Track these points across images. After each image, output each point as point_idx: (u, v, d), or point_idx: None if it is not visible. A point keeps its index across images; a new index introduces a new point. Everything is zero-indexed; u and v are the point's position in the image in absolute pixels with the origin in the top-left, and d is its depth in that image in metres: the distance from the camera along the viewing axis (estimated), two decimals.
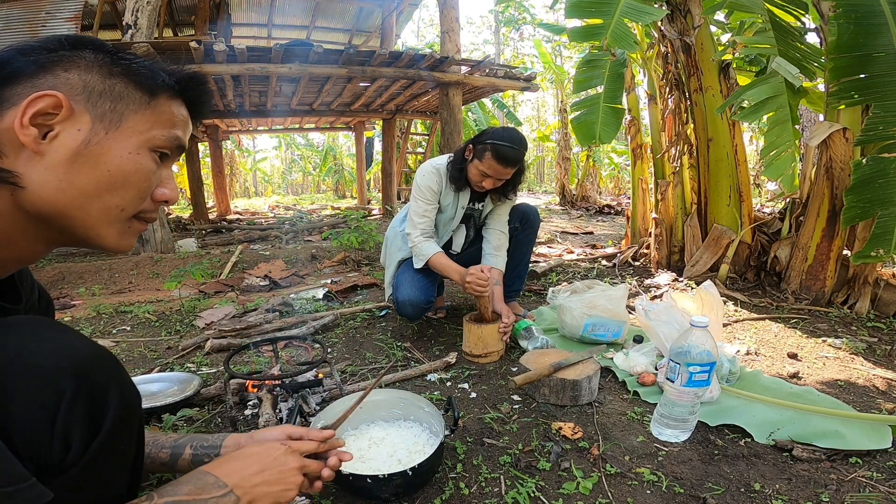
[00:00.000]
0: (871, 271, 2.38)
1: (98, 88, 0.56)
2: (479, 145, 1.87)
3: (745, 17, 2.97)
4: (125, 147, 0.58)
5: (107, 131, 0.56)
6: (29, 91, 0.52)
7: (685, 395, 1.27)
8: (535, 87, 5.91)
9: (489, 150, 1.81)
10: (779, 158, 2.47)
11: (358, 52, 4.56)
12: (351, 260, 4.04)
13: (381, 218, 7.00)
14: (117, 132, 0.57)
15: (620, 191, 13.59)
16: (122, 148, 0.57)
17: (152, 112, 0.60)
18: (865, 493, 1.09)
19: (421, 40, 20.09)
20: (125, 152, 0.58)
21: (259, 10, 7.93)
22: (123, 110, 0.57)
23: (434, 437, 1.24)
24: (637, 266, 3.41)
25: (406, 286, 1.99)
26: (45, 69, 0.54)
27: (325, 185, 19.49)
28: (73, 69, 0.55)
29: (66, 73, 0.55)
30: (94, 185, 0.56)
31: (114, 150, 0.57)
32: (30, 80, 0.53)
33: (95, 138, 0.56)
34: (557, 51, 13.55)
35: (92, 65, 0.56)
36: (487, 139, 1.84)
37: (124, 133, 0.58)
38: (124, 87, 0.58)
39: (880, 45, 2.04)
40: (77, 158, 0.55)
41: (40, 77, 0.54)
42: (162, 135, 0.61)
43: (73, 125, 0.54)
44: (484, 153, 1.83)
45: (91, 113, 0.55)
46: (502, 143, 1.81)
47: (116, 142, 0.57)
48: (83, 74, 0.56)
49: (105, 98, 0.56)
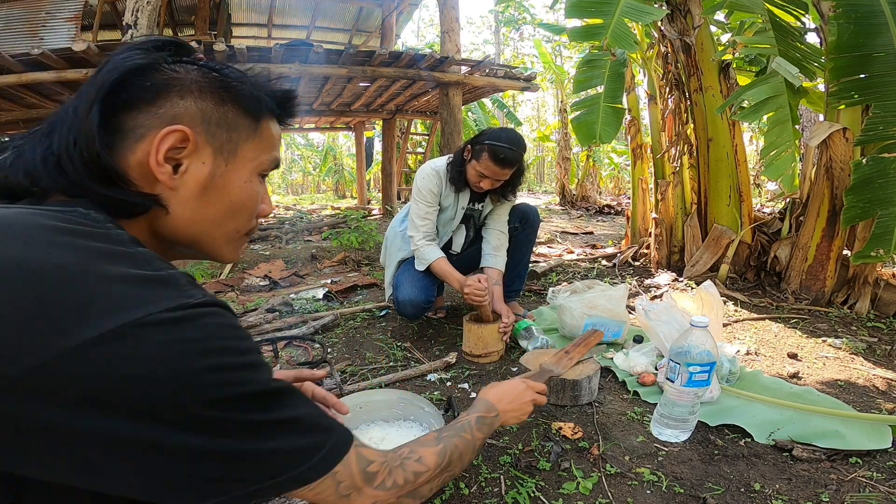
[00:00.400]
0: (871, 271, 2.38)
1: (214, 118, 0.57)
2: (476, 146, 1.87)
3: (745, 17, 2.97)
4: (241, 177, 0.60)
5: (226, 163, 0.58)
6: (152, 121, 0.53)
7: (685, 395, 1.27)
8: (535, 87, 5.90)
9: (486, 151, 1.81)
10: (779, 158, 2.47)
11: (358, 52, 4.56)
12: (351, 260, 4.04)
13: (381, 218, 7.00)
14: (234, 163, 0.59)
15: (620, 191, 13.58)
16: (239, 178, 0.60)
17: (259, 138, 0.61)
18: (865, 493, 1.09)
19: (421, 40, 20.11)
20: (242, 181, 0.60)
21: (259, 10, 7.93)
22: (237, 140, 0.59)
23: None
24: (637, 266, 3.41)
25: (406, 286, 1.99)
26: (161, 95, 0.53)
27: (325, 185, 19.50)
28: (188, 95, 0.55)
29: (183, 101, 0.54)
30: (220, 214, 0.59)
31: (233, 181, 0.59)
32: (148, 107, 0.53)
33: (218, 171, 0.58)
34: (557, 51, 13.55)
35: (204, 89, 0.56)
36: (485, 140, 1.84)
37: (240, 163, 0.60)
38: (235, 115, 0.58)
39: (880, 45, 2.04)
40: (204, 192, 0.57)
41: (159, 105, 0.53)
42: (267, 159, 0.63)
43: (199, 158, 0.56)
44: (481, 154, 1.83)
45: (212, 145, 0.57)
46: (499, 143, 1.80)
47: (234, 172, 0.59)
48: (198, 102, 0.55)
49: (221, 128, 0.57)
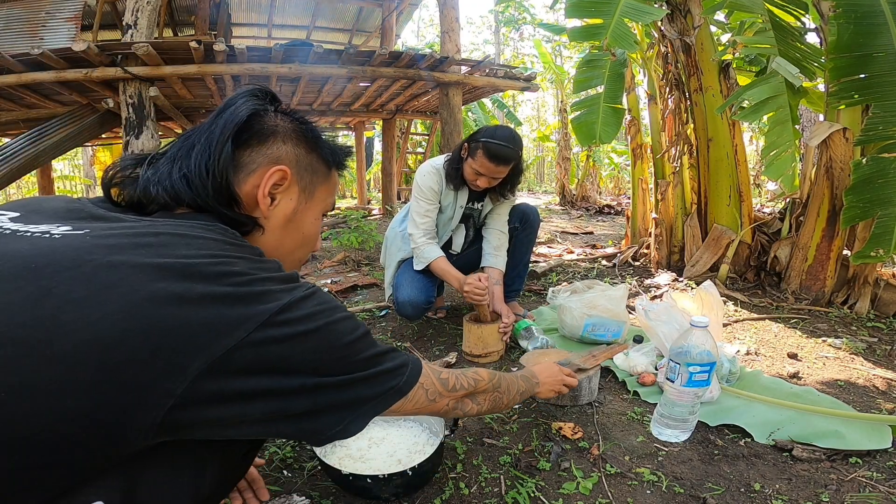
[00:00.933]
0: (871, 271, 2.38)
1: (304, 163, 0.68)
2: (472, 143, 1.87)
3: (745, 17, 2.97)
4: (313, 214, 0.72)
5: (306, 201, 0.70)
6: (261, 160, 0.65)
7: (685, 395, 1.27)
8: (535, 87, 5.90)
9: (481, 149, 1.81)
10: (779, 158, 2.47)
11: (358, 52, 4.56)
12: (351, 260, 4.03)
13: (381, 218, 7.00)
14: (311, 202, 0.70)
15: (620, 191, 13.58)
16: (311, 215, 0.71)
17: (329, 184, 0.73)
18: (865, 493, 1.09)
19: (421, 40, 20.10)
20: (313, 218, 0.72)
21: (259, 10, 7.92)
22: (316, 183, 0.71)
23: (434, 437, 1.24)
24: (637, 266, 3.41)
25: (406, 286, 1.99)
26: (270, 138, 0.66)
27: None
28: (289, 141, 0.67)
29: (285, 146, 0.67)
30: (294, 244, 0.71)
31: (308, 218, 0.71)
32: (260, 147, 0.65)
33: (300, 207, 0.69)
34: (557, 51, 13.55)
35: (300, 138, 0.68)
36: (480, 137, 1.84)
37: (315, 203, 0.71)
38: (318, 162, 0.71)
39: (880, 45, 2.04)
40: (288, 224, 0.68)
41: (268, 146, 0.66)
42: (331, 202, 0.75)
43: (289, 195, 0.67)
44: (476, 151, 1.83)
45: (299, 185, 0.68)
46: (494, 140, 1.80)
47: (310, 210, 0.71)
48: (295, 148, 0.68)
49: (308, 172, 0.69)
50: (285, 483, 1.16)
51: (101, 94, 4.30)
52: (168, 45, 3.94)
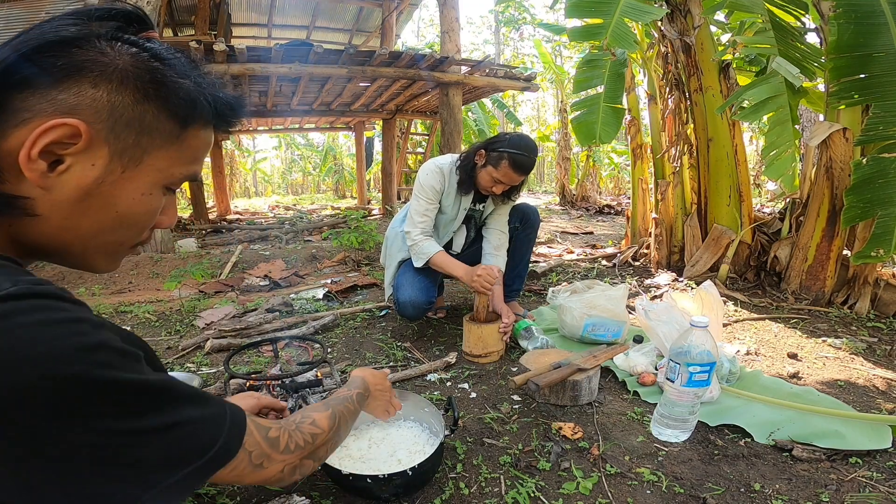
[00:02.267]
0: (871, 271, 2.38)
1: (126, 116, 0.47)
2: (493, 152, 1.85)
3: (745, 17, 2.97)
4: (138, 187, 0.50)
5: (123, 169, 0.49)
6: (44, 106, 0.44)
7: (685, 395, 1.27)
8: (535, 87, 5.91)
9: (506, 160, 1.80)
10: (779, 158, 2.47)
11: (358, 52, 4.56)
12: (351, 260, 4.04)
13: (381, 218, 7.00)
14: (135, 171, 0.50)
15: (620, 191, 13.58)
16: (135, 189, 0.50)
17: (178, 147, 0.52)
18: (865, 493, 1.09)
19: (421, 40, 20.09)
20: (138, 193, 0.51)
21: (259, 10, 7.92)
22: (147, 145, 0.49)
23: (434, 437, 1.24)
24: (637, 266, 3.41)
25: (407, 287, 1.98)
26: (70, 78, 0.45)
27: (325, 185, 19.50)
28: (104, 84, 0.46)
29: (95, 90, 0.46)
30: (99, 226, 0.50)
31: (126, 191, 0.50)
32: (48, 90, 0.44)
33: (110, 177, 0.48)
34: (557, 51, 13.55)
35: (127, 80, 0.47)
36: (502, 147, 1.82)
37: (142, 171, 0.50)
38: (156, 115, 0.49)
39: (880, 45, 2.04)
40: (85, 198, 0.47)
41: (62, 89, 0.44)
42: (181, 172, 0.54)
43: (88, 159, 0.46)
44: (500, 161, 1.82)
45: (111, 146, 0.47)
46: (519, 152, 1.79)
47: (131, 182, 0.50)
48: (114, 94, 0.46)
49: (131, 129, 0.48)
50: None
51: None
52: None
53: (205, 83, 0.53)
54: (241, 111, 0.58)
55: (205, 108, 0.52)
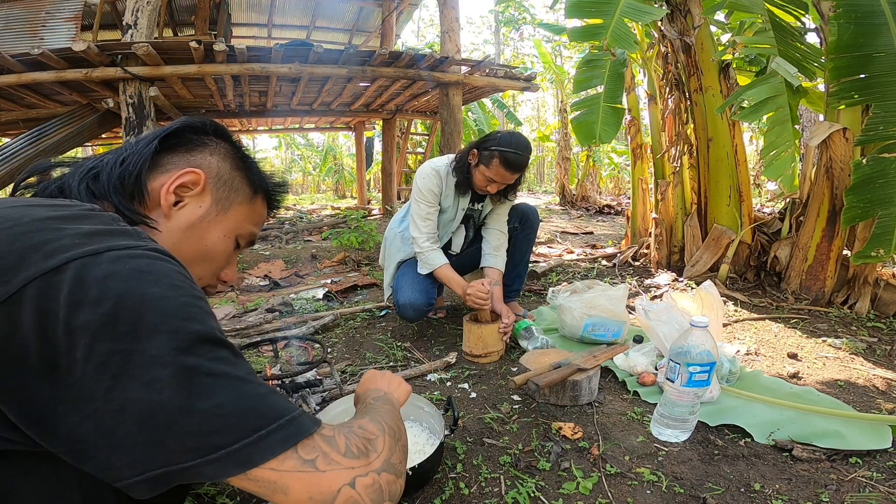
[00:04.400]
0: (871, 271, 2.38)
1: (225, 177, 0.70)
2: (484, 151, 1.85)
3: (745, 17, 2.97)
4: (222, 230, 0.70)
5: (217, 213, 0.69)
6: (180, 162, 0.66)
7: (685, 395, 1.27)
8: (535, 87, 5.90)
9: (497, 157, 1.80)
10: (779, 158, 2.47)
11: (358, 52, 4.56)
12: (351, 260, 4.04)
13: (381, 218, 7.00)
14: (223, 217, 0.69)
15: (620, 191, 13.58)
16: (220, 230, 0.69)
17: (249, 208, 0.73)
18: (865, 493, 1.09)
19: (421, 40, 20.10)
20: (222, 234, 0.70)
21: (259, 10, 7.93)
22: (234, 199, 0.71)
23: (434, 436, 1.24)
24: (637, 266, 3.41)
25: (407, 289, 1.98)
26: (197, 148, 0.68)
27: (325, 185, 19.49)
28: (216, 154, 0.70)
29: (210, 157, 0.69)
30: (193, 253, 0.67)
31: (216, 230, 0.69)
32: (184, 154, 0.67)
33: (209, 216, 0.68)
34: (557, 51, 13.55)
35: (227, 156, 0.71)
36: (494, 146, 1.82)
37: (228, 218, 0.70)
38: (241, 181, 0.72)
39: (880, 45, 2.04)
40: (191, 229, 0.66)
41: (192, 155, 0.68)
42: (249, 229, 0.74)
43: (198, 201, 0.67)
44: (491, 160, 1.82)
45: (213, 195, 0.68)
46: (510, 150, 1.79)
47: (219, 224, 0.69)
48: (221, 162, 0.70)
49: (226, 186, 0.70)
50: None
51: (101, 94, 4.30)
52: (168, 45, 3.93)
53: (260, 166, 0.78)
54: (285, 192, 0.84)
55: (267, 183, 0.77)
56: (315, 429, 0.52)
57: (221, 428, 0.45)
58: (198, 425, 0.44)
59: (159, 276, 0.48)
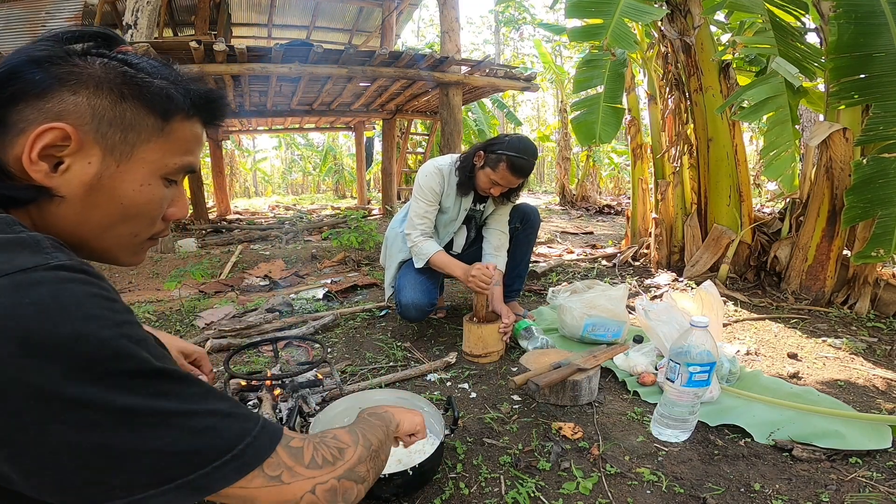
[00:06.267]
0: (871, 271, 2.38)
1: (108, 116, 0.53)
2: (491, 154, 1.84)
3: (745, 17, 2.97)
4: (136, 179, 0.56)
5: (118, 164, 0.54)
6: (35, 116, 0.50)
7: (685, 395, 1.27)
8: (535, 87, 5.90)
9: (504, 162, 1.79)
10: (779, 158, 2.47)
11: (358, 52, 4.56)
12: (351, 260, 4.04)
13: (381, 218, 7.00)
14: (128, 164, 0.55)
15: (620, 191, 13.58)
16: (132, 180, 0.55)
17: (165, 140, 0.57)
18: (865, 493, 1.09)
19: (421, 40, 20.09)
20: (136, 184, 0.56)
21: (259, 10, 7.92)
22: (134, 140, 0.55)
23: (434, 437, 1.24)
24: (637, 266, 3.41)
25: (409, 289, 1.98)
26: (52, 89, 0.50)
27: (325, 185, 19.49)
28: (82, 90, 0.51)
29: (74, 97, 0.51)
30: (108, 218, 0.56)
31: (126, 184, 0.55)
32: (35, 101, 0.50)
33: (107, 172, 0.53)
34: (557, 51, 13.55)
35: (101, 85, 0.52)
36: (501, 150, 1.81)
37: (135, 164, 0.55)
38: (135, 113, 0.54)
39: (880, 46, 2.04)
40: (90, 193, 0.53)
41: (46, 99, 0.50)
42: (174, 163, 0.59)
43: (84, 158, 0.52)
44: (498, 163, 1.81)
45: (101, 144, 0.53)
46: (518, 155, 1.79)
47: (127, 174, 0.55)
48: (92, 98, 0.52)
49: (115, 127, 0.53)
50: None
51: None
52: (168, 45, 3.94)
53: (178, 79, 0.58)
54: (219, 101, 0.62)
55: (180, 100, 0.57)
56: (277, 444, 0.51)
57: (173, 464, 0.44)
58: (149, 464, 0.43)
59: (69, 308, 0.40)
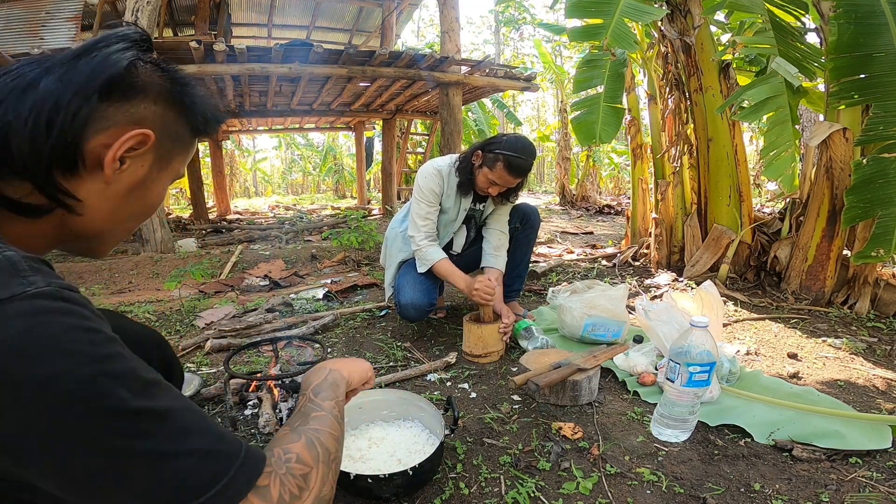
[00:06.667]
0: (871, 271, 2.38)
1: (170, 130, 0.58)
2: (489, 153, 1.84)
3: (745, 17, 2.97)
4: (164, 184, 0.61)
5: (160, 170, 0.59)
6: (120, 118, 0.53)
7: (685, 395, 1.27)
8: (535, 87, 5.91)
9: (501, 161, 1.79)
10: (779, 158, 2.47)
11: (358, 52, 4.56)
12: (351, 260, 4.04)
13: (381, 218, 7.00)
14: (165, 171, 0.60)
15: (620, 191, 13.58)
16: (162, 185, 0.61)
17: (187, 152, 0.63)
18: (865, 493, 1.09)
19: (421, 40, 20.09)
20: (162, 188, 0.61)
21: (259, 10, 7.93)
22: (175, 153, 0.61)
23: (434, 436, 1.25)
24: (637, 266, 3.41)
25: (408, 289, 1.98)
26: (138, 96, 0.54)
27: (325, 185, 19.50)
28: (161, 102, 0.56)
29: (155, 107, 0.56)
30: (134, 212, 0.60)
31: (157, 187, 0.60)
32: (122, 104, 0.53)
33: (151, 175, 0.58)
34: (557, 51, 13.56)
35: (168, 97, 0.57)
36: (499, 149, 1.81)
37: (168, 172, 0.61)
38: (183, 128, 0.60)
39: (880, 46, 2.04)
40: (132, 191, 0.57)
41: (133, 104, 0.54)
42: (183, 170, 0.65)
43: (140, 161, 0.56)
44: (495, 163, 1.81)
45: (156, 153, 0.57)
46: (514, 154, 1.79)
47: (162, 179, 0.60)
48: (166, 111, 0.57)
49: (169, 139, 0.58)
50: None
51: None
52: (168, 45, 3.94)
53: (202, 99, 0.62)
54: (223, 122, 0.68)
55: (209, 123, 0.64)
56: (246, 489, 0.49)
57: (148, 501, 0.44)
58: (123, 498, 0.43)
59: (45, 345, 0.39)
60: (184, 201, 9.76)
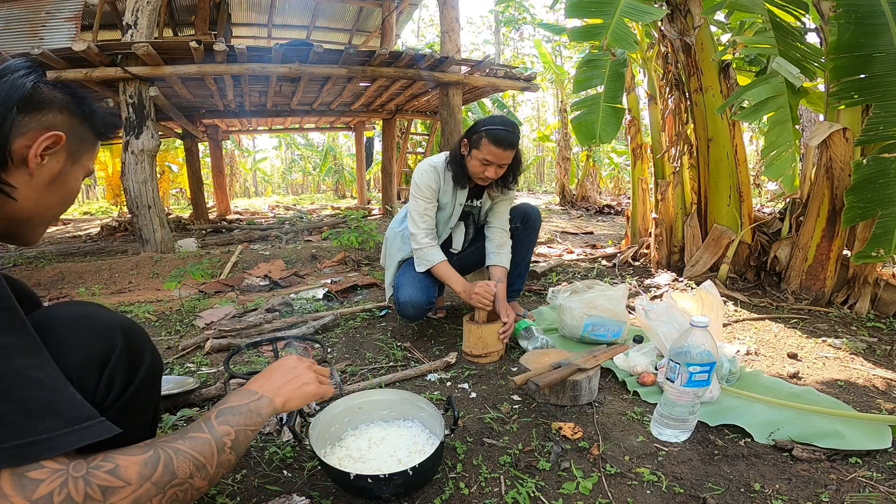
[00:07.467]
0: (871, 271, 2.38)
1: (77, 132, 0.74)
2: (473, 136, 1.88)
3: (745, 17, 2.97)
4: (78, 176, 0.78)
5: (72, 164, 0.75)
6: (35, 125, 0.69)
7: (685, 395, 1.27)
8: (535, 87, 5.91)
9: (485, 137, 1.83)
10: (779, 158, 2.47)
11: (358, 52, 4.56)
12: (351, 260, 4.04)
13: (381, 218, 7.00)
14: (77, 165, 0.77)
15: (620, 191, 13.59)
16: (76, 177, 0.77)
17: (93, 150, 0.80)
18: (865, 493, 1.09)
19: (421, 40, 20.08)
20: (77, 180, 0.78)
21: (259, 10, 7.93)
22: (83, 150, 0.77)
23: (434, 436, 1.24)
24: (637, 266, 3.41)
25: (407, 287, 1.99)
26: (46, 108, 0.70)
27: (325, 185, 19.51)
28: (66, 112, 0.73)
29: (61, 115, 0.72)
30: (56, 202, 0.75)
31: (72, 178, 0.76)
32: (35, 114, 0.69)
33: (66, 169, 0.74)
34: (557, 51, 13.55)
35: (70, 108, 0.73)
36: (480, 128, 1.86)
37: (79, 166, 0.77)
38: (87, 132, 0.77)
39: (880, 46, 2.04)
40: (52, 183, 0.73)
41: (43, 114, 0.70)
42: (92, 167, 0.82)
43: (57, 158, 0.72)
44: (480, 141, 1.84)
45: (67, 150, 0.73)
46: (495, 126, 1.82)
47: (75, 172, 0.77)
48: (70, 119, 0.73)
49: (77, 140, 0.75)
50: (285, 483, 1.16)
51: (102, 95, 4.30)
52: (168, 45, 3.93)
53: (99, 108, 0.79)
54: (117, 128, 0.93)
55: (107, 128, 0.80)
56: (24, 464, 0.52)
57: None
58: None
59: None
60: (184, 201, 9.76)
